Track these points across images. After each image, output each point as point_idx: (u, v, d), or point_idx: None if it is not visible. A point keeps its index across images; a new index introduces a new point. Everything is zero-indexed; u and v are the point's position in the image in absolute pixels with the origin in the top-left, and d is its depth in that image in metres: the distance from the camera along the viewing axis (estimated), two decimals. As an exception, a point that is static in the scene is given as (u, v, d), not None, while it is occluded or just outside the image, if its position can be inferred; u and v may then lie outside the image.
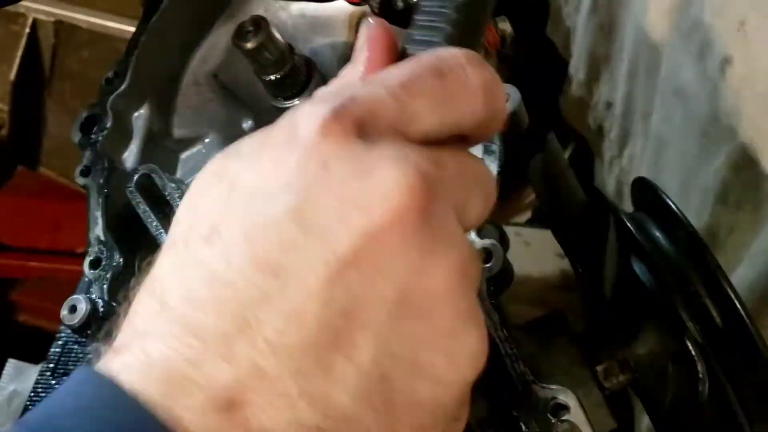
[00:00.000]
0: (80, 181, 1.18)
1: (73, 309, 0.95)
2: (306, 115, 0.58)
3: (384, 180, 0.55)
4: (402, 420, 0.56)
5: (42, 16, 2.45)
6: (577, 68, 1.88)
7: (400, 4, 1.08)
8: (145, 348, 0.54)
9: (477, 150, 1.02)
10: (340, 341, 0.53)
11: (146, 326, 0.56)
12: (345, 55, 1.22)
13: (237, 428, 0.52)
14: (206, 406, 0.52)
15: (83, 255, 1.14)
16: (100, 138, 1.20)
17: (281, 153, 0.58)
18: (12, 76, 2.49)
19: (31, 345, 2.13)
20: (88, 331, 0.96)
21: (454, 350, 0.57)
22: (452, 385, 0.58)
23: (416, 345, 0.56)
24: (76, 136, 1.22)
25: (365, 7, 1.10)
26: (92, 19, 2.43)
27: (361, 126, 0.57)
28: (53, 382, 1.74)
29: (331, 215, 0.54)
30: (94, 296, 1.04)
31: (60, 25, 2.47)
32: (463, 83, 0.62)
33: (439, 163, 0.59)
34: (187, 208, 0.61)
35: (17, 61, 2.49)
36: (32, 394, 1.81)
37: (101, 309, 0.96)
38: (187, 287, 0.55)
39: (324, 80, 1.20)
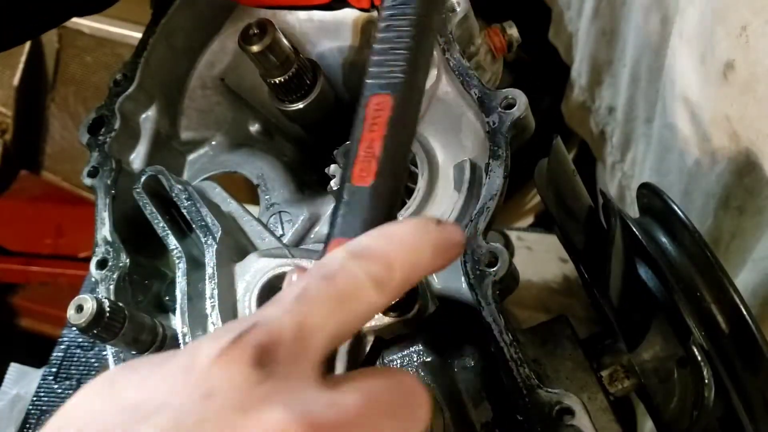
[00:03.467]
0: (87, 182, 1.19)
1: (79, 308, 0.95)
2: (208, 341, 0.59)
3: (266, 422, 0.55)
4: None
5: (45, 22, 2.45)
6: (580, 73, 1.88)
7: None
8: None
9: (484, 154, 1.02)
10: None
11: None
12: (352, 59, 1.22)
13: None
14: None
15: (85, 259, 1.14)
16: (107, 139, 1.20)
17: (173, 375, 0.58)
18: (16, 81, 2.50)
19: (33, 349, 2.14)
20: (94, 331, 0.96)
21: None
22: None
23: None
24: (84, 137, 1.22)
25: (373, 13, 1.10)
26: (95, 25, 2.43)
27: (260, 354, 0.58)
28: (56, 386, 1.74)
29: None
30: (100, 296, 1.04)
31: (63, 30, 2.47)
32: (352, 280, 0.63)
33: (338, 405, 0.58)
34: (65, 408, 0.61)
35: (21, 66, 2.50)
36: (35, 398, 1.82)
37: (107, 309, 0.96)
38: None
39: (330, 84, 1.20)
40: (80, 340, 1.80)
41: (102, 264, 1.11)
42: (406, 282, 0.66)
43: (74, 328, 1.12)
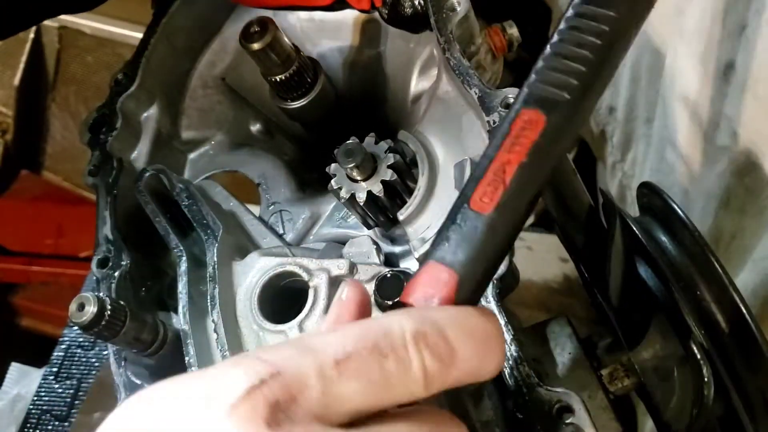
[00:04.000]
0: (89, 180, 1.19)
1: (81, 307, 0.95)
2: (222, 387, 0.56)
3: None
4: None
5: (46, 22, 2.46)
6: (580, 73, 1.88)
7: (408, 10, 1.08)
8: None
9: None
10: None
11: None
12: (352, 60, 1.22)
13: None
14: None
15: (86, 259, 1.15)
16: (108, 139, 1.20)
17: (183, 422, 0.56)
18: (16, 81, 2.50)
19: (34, 349, 2.14)
20: (96, 329, 0.96)
21: None
22: None
23: None
24: (85, 137, 1.22)
25: (374, 14, 1.10)
26: (96, 25, 2.43)
27: (275, 411, 0.55)
28: (56, 385, 1.74)
29: None
30: (101, 295, 1.04)
31: (64, 30, 2.48)
32: (404, 367, 0.58)
33: None
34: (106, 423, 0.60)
35: (22, 66, 2.50)
36: (35, 398, 1.82)
37: (108, 307, 0.96)
38: None
39: (330, 82, 1.20)
40: (81, 339, 1.80)
41: (103, 263, 1.11)
42: (456, 385, 0.61)
43: (75, 327, 1.13)
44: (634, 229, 0.97)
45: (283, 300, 1.03)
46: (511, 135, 0.67)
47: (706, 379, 0.92)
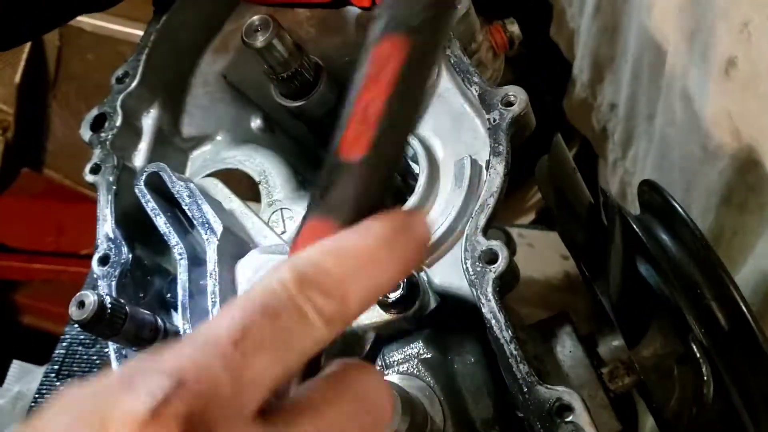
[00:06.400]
0: (89, 178, 1.19)
1: (81, 305, 0.95)
2: (119, 415, 0.48)
3: None
4: None
5: (47, 19, 2.46)
6: (581, 70, 1.88)
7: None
8: None
9: (484, 151, 1.02)
10: None
11: None
12: (353, 57, 1.22)
13: None
14: None
15: (87, 257, 1.15)
16: (109, 136, 1.20)
17: None
18: (17, 78, 2.50)
19: (35, 347, 2.14)
20: (96, 327, 0.96)
21: None
22: None
23: None
24: (86, 135, 1.22)
25: (375, 11, 1.10)
26: (97, 23, 2.43)
27: (189, 424, 0.49)
28: (58, 383, 1.74)
29: None
30: (102, 293, 1.04)
31: (65, 28, 2.47)
32: (299, 318, 0.55)
33: None
34: None
35: (22, 64, 2.50)
36: (37, 396, 1.82)
37: (108, 305, 0.96)
38: None
39: (332, 80, 1.20)
40: (82, 337, 1.80)
41: (104, 260, 1.11)
42: (359, 312, 0.58)
43: (76, 325, 1.12)
44: (635, 226, 0.97)
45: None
46: (371, 68, 0.62)
47: (705, 378, 0.92)
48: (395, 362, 0.96)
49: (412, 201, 1.06)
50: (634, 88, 1.65)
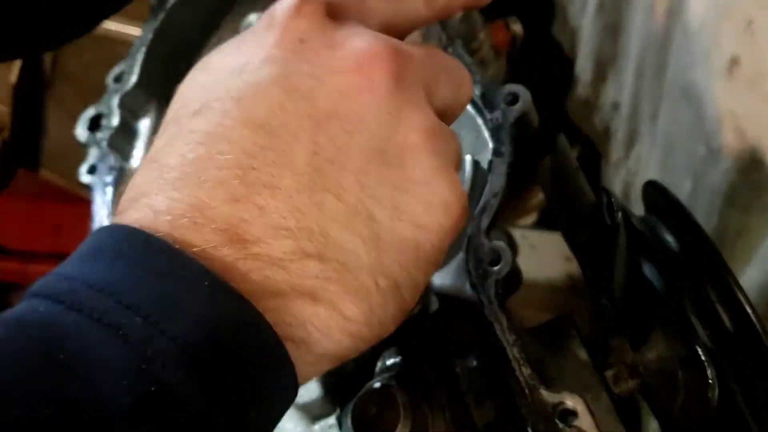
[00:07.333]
0: (86, 179, 1.18)
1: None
2: (280, 4, 0.67)
3: (355, 49, 0.64)
4: (388, 254, 0.62)
5: (43, 19, 2.45)
6: (584, 69, 1.87)
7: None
8: (150, 204, 0.59)
9: (486, 151, 1.01)
10: (329, 183, 0.60)
11: (148, 188, 0.60)
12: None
13: (249, 258, 0.57)
14: (218, 241, 0.56)
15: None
16: (106, 136, 1.19)
17: (261, 36, 0.66)
18: (13, 78, 2.49)
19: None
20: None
21: (428, 198, 0.65)
22: (430, 231, 0.65)
23: (395, 190, 0.63)
24: (83, 135, 1.21)
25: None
26: (94, 22, 2.42)
27: (329, 9, 0.66)
28: (55, 385, 1.73)
29: (310, 79, 0.62)
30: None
31: (62, 27, 2.46)
32: None
33: (405, 46, 0.68)
34: (175, 99, 0.68)
35: (18, 63, 2.49)
36: (34, 398, 1.81)
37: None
38: (184, 151, 0.60)
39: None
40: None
41: (100, 262, 1.10)
42: (447, 10, 0.76)
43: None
44: (638, 227, 0.96)
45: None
46: None
47: (710, 380, 0.91)
48: (396, 365, 0.96)
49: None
50: (637, 87, 1.64)
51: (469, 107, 1.05)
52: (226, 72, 0.64)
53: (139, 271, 0.54)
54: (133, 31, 2.27)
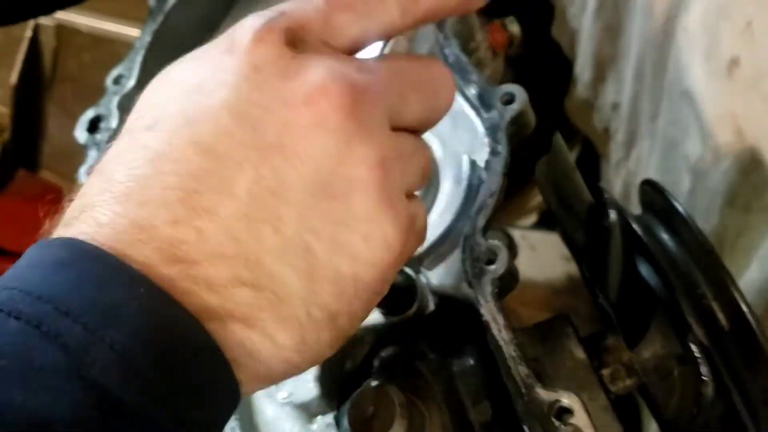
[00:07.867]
0: (84, 180, 1.18)
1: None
2: (241, 28, 0.67)
3: (307, 82, 0.63)
4: (323, 286, 0.63)
5: (43, 20, 2.46)
6: (583, 69, 1.87)
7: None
8: (94, 217, 0.60)
9: (483, 150, 1.01)
10: (267, 214, 0.61)
11: (94, 201, 0.61)
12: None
13: (188, 280, 0.58)
14: (158, 259, 0.57)
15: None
16: (105, 138, 1.19)
17: (219, 58, 0.66)
18: (13, 79, 2.50)
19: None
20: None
21: (369, 234, 0.65)
22: (369, 264, 0.65)
23: (335, 224, 0.63)
24: (82, 136, 1.21)
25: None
26: (93, 23, 2.43)
27: (290, 36, 0.65)
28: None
29: (259, 109, 0.62)
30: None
31: (61, 28, 2.47)
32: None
33: (366, 69, 0.67)
34: (135, 107, 0.69)
35: (18, 64, 2.50)
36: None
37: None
38: (132, 165, 0.61)
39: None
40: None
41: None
42: (427, 17, 0.73)
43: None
44: (635, 226, 0.96)
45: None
46: None
47: (705, 379, 0.91)
48: (393, 365, 0.96)
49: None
50: (636, 87, 1.63)
51: (466, 107, 1.05)
52: (182, 89, 0.65)
53: (77, 279, 0.55)
54: (133, 32, 2.28)
